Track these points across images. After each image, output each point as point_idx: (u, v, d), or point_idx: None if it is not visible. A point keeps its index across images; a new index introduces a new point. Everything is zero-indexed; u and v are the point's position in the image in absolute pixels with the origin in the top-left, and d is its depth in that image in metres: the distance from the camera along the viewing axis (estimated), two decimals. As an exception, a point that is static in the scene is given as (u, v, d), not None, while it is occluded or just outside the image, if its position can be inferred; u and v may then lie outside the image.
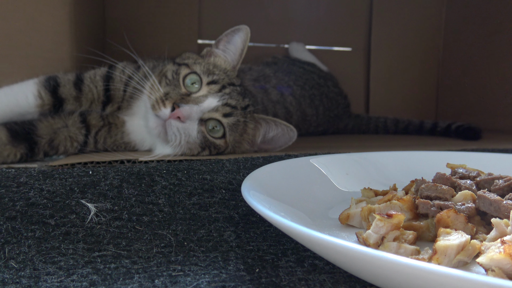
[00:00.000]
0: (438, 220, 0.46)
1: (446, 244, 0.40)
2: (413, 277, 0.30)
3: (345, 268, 0.40)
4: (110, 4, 1.58)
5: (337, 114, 1.51)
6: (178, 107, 0.81)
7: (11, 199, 0.56)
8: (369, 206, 0.51)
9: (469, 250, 0.41)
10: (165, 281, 0.41)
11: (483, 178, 0.56)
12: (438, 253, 0.40)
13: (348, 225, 0.53)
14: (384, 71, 1.86)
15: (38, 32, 1.04)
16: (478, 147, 1.04)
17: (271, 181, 0.58)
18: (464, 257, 0.41)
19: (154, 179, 0.65)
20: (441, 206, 0.48)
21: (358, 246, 0.33)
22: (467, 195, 0.51)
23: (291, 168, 0.66)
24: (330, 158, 0.72)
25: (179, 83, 0.86)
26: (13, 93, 0.85)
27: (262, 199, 0.49)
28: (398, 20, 1.86)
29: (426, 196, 0.52)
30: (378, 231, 0.44)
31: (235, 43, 0.92)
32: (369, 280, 0.38)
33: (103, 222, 0.53)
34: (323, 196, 0.62)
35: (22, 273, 0.42)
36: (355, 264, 0.36)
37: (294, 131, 0.91)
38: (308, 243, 0.39)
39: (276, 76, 1.36)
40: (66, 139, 0.86)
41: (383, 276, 0.34)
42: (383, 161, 0.75)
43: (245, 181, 0.53)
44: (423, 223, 0.48)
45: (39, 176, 0.64)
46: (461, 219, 0.45)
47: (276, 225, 0.40)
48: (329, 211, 0.59)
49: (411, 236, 0.45)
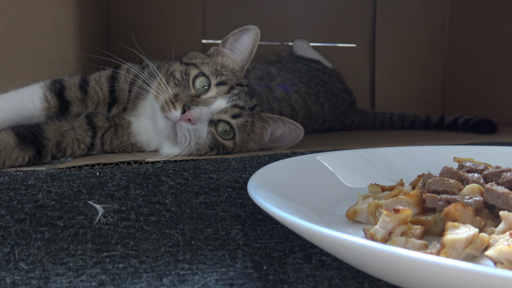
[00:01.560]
0: (446, 214, 0.45)
1: (454, 238, 0.40)
2: (422, 271, 0.30)
3: (353, 264, 0.40)
4: (114, 6, 1.58)
5: (343, 110, 1.51)
6: (189, 109, 0.80)
7: (20, 201, 0.56)
8: (376, 202, 0.51)
9: (478, 244, 0.41)
10: (173, 279, 0.41)
11: (491, 171, 0.55)
12: (446, 247, 0.40)
13: (355, 221, 0.53)
14: (389, 67, 1.85)
15: (43, 36, 1.05)
16: (486, 140, 1.03)
17: (277, 178, 0.58)
18: (473, 250, 0.40)
19: (160, 179, 0.65)
20: (448, 200, 0.48)
21: (366, 241, 0.33)
22: (475, 189, 0.50)
23: (297, 165, 0.65)
24: (336, 154, 0.72)
25: (189, 84, 0.86)
26: (19, 97, 0.86)
27: (268, 197, 0.49)
28: (403, 15, 1.85)
29: (433, 190, 0.51)
30: (385, 226, 0.44)
31: (244, 43, 0.91)
32: (378, 275, 0.38)
33: (111, 222, 0.53)
34: (330, 192, 0.62)
35: (32, 275, 0.42)
36: (363, 259, 0.35)
37: (301, 129, 0.91)
38: (316, 240, 0.39)
39: (281, 74, 1.36)
40: (73, 141, 0.86)
41: (392, 271, 0.33)
42: (389, 156, 0.74)
43: (251, 179, 0.53)
44: (430, 218, 0.48)
45: (47, 179, 0.64)
46: (469, 213, 0.45)
47: (283, 222, 0.40)
48: (336, 207, 0.58)
49: (418, 231, 0.45)
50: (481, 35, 1.69)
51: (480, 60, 1.70)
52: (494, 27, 1.62)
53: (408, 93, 1.88)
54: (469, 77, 1.77)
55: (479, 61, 1.70)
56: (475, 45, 1.73)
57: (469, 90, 1.77)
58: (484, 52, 1.67)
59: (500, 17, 1.59)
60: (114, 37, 1.47)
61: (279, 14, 1.78)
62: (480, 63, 1.70)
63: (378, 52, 1.84)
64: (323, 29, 1.82)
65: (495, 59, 1.62)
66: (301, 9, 1.80)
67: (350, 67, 1.80)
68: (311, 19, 1.80)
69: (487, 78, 1.66)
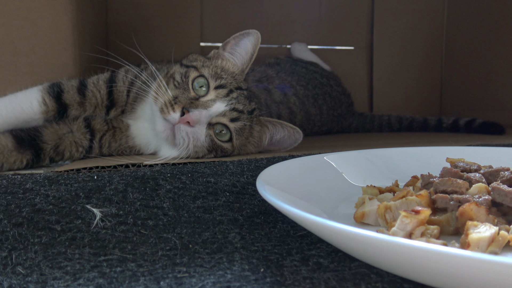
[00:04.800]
0: (461, 214, 0.46)
1: (479, 237, 0.41)
2: (468, 268, 0.31)
3: (378, 264, 0.40)
4: (113, 9, 1.59)
5: (341, 113, 1.51)
6: (188, 112, 0.80)
7: (17, 205, 0.56)
8: (385, 204, 0.51)
9: (500, 241, 0.42)
10: (170, 282, 0.41)
11: (487, 170, 0.56)
12: (472, 245, 0.41)
13: (362, 223, 0.53)
14: (387, 69, 1.86)
15: (42, 39, 1.05)
16: (484, 142, 1.04)
17: (283, 177, 0.60)
18: (495, 248, 0.42)
19: (158, 183, 0.65)
20: (459, 199, 0.49)
21: (419, 242, 0.33)
22: (482, 188, 0.51)
23: (304, 165, 0.67)
24: (341, 155, 0.74)
25: (188, 86, 0.86)
26: (18, 101, 0.86)
27: (279, 194, 0.50)
28: (400, 17, 1.85)
29: (443, 191, 0.52)
30: (404, 227, 0.44)
31: (245, 46, 0.91)
32: (411, 275, 0.37)
33: (109, 226, 0.53)
34: (337, 192, 0.63)
35: (29, 279, 0.43)
36: (410, 260, 0.35)
37: (300, 133, 0.92)
38: (350, 241, 0.39)
39: (279, 76, 1.36)
40: (71, 144, 0.87)
41: (438, 270, 0.33)
42: (392, 156, 0.76)
43: (260, 177, 0.55)
44: (442, 217, 0.49)
45: (45, 182, 0.64)
46: (483, 211, 0.46)
47: (304, 222, 0.41)
48: (340, 207, 0.59)
49: (436, 231, 0.45)
50: (478, 37, 1.69)
51: (478, 62, 1.70)
52: (492, 30, 1.62)
53: (406, 95, 1.89)
54: (467, 79, 1.77)
55: (477, 64, 1.71)
56: (472, 48, 1.73)
57: (466, 92, 1.78)
58: (482, 54, 1.68)
59: (498, 20, 1.60)
60: (112, 41, 1.48)
61: (277, 17, 1.78)
62: (478, 66, 1.70)
63: (376, 55, 1.84)
64: (321, 31, 1.82)
65: (492, 62, 1.63)
66: (299, 12, 1.80)
67: (348, 69, 1.80)
68: (309, 22, 1.81)
69: (484, 80, 1.67)
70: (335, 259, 0.45)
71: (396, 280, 0.40)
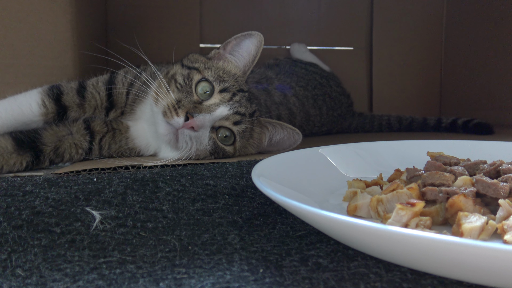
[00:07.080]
0: (451, 205, 0.49)
1: (471, 226, 0.44)
2: (468, 255, 0.33)
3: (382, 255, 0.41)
4: (112, 11, 1.59)
5: (341, 113, 1.51)
6: (192, 117, 0.80)
7: (17, 208, 0.57)
8: (377, 197, 0.54)
9: (489, 230, 0.45)
10: (170, 284, 0.41)
11: (467, 163, 0.60)
12: (465, 234, 0.44)
13: (354, 215, 0.55)
14: (387, 69, 1.86)
15: (41, 41, 1.05)
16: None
17: (278, 169, 0.62)
18: (485, 236, 0.45)
19: (158, 185, 0.65)
20: (448, 192, 0.52)
21: (421, 232, 0.34)
22: (466, 180, 0.54)
23: (299, 158, 0.70)
24: (335, 148, 0.79)
25: (191, 89, 0.85)
26: (17, 103, 0.86)
27: (274, 186, 0.52)
28: (399, 17, 1.86)
29: (431, 184, 0.55)
30: (399, 219, 0.47)
31: (247, 48, 0.91)
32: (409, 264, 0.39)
33: (108, 229, 0.53)
34: (329, 184, 0.66)
35: (29, 281, 0.43)
36: (409, 249, 0.36)
37: (300, 135, 0.92)
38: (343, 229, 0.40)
39: (279, 77, 1.36)
40: (71, 146, 0.87)
41: (440, 258, 0.35)
42: (378, 150, 0.80)
43: (254, 169, 0.57)
44: (432, 209, 0.51)
45: (44, 185, 0.64)
46: (470, 202, 0.49)
47: (305, 215, 0.42)
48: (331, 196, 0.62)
49: (428, 222, 0.48)
50: (477, 37, 1.69)
51: (477, 62, 1.70)
52: (491, 30, 1.62)
53: (405, 95, 1.89)
54: (466, 79, 1.77)
55: (476, 63, 1.71)
56: (472, 48, 1.73)
57: (466, 92, 1.78)
58: (481, 54, 1.68)
59: (497, 20, 1.60)
60: (111, 43, 1.48)
61: (277, 18, 1.78)
62: (477, 65, 1.70)
63: (375, 55, 1.84)
64: (320, 32, 1.82)
65: (491, 61, 1.63)
66: (299, 13, 1.80)
67: (348, 70, 1.80)
68: (308, 22, 1.81)
69: (484, 80, 1.67)
70: (334, 259, 0.45)
71: (395, 279, 0.41)
